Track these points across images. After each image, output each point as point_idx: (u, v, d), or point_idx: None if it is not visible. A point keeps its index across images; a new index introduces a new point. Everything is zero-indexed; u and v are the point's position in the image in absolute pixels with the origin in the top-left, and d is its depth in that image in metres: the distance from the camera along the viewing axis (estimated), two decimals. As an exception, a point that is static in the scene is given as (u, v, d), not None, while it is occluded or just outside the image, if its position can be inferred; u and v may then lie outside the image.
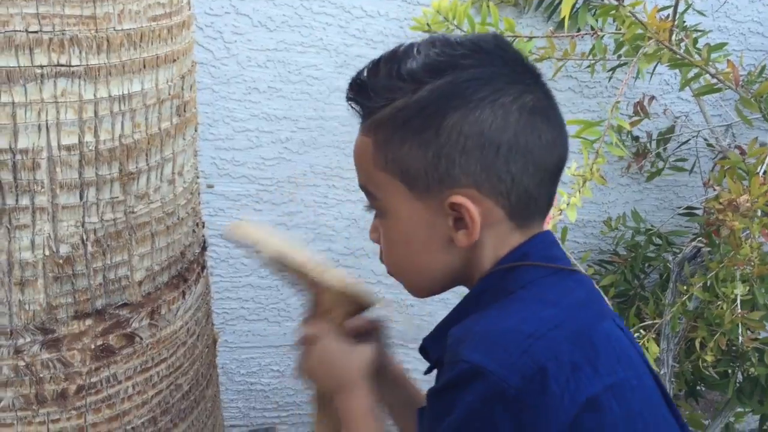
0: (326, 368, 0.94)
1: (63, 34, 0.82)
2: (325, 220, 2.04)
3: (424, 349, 0.91)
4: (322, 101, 1.90)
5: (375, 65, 0.84)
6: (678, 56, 1.49)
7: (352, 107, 0.86)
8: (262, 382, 2.20)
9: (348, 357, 0.94)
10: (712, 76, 1.56)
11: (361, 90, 0.85)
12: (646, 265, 2.03)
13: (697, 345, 1.67)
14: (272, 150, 1.93)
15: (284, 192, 1.99)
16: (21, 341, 0.90)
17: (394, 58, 0.83)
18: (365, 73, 0.85)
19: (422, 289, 0.90)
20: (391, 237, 0.87)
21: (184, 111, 1.01)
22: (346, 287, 0.95)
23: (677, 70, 1.68)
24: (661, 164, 2.04)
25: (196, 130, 1.07)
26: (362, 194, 0.88)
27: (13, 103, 0.82)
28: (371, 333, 1.01)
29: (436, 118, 0.79)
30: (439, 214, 0.81)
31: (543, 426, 0.72)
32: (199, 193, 1.14)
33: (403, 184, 0.82)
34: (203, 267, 1.14)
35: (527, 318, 0.77)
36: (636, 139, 2.03)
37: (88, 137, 0.87)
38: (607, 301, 0.89)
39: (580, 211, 1.41)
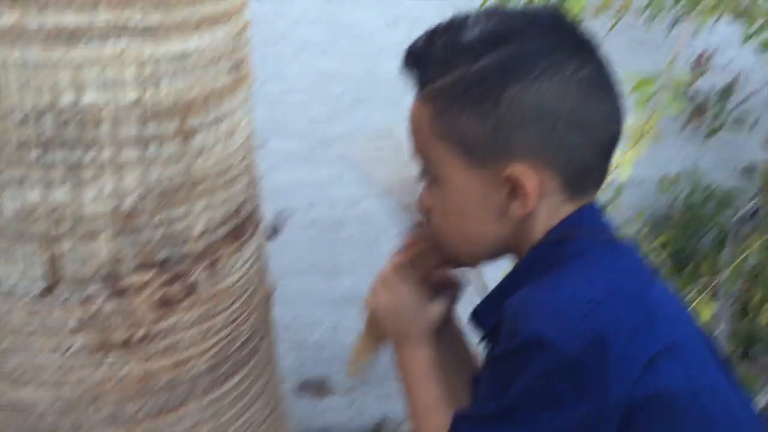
0: (396, 314, 0.98)
1: (123, -8, 0.84)
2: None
3: (476, 318, 0.92)
4: (374, 57, 1.90)
5: (431, 36, 0.85)
6: (741, 8, 1.44)
7: (408, 74, 0.87)
8: (313, 336, 2.26)
9: (418, 311, 0.97)
10: (778, 28, 1.50)
11: (417, 61, 0.86)
12: (703, 224, 1.99)
13: (754, 305, 1.65)
14: (324, 107, 1.94)
15: (336, 149, 2.01)
16: (89, 291, 0.94)
17: (451, 29, 0.83)
18: (421, 44, 0.85)
19: (470, 258, 0.92)
20: (442, 206, 0.88)
21: (239, 68, 1.02)
22: None
23: (740, 23, 1.62)
24: (720, 121, 1.99)
25: (250, 88, 1.09)
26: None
27: (77, 60, 0.85)
28: (449, 288, 1.03)
29: (495, 90, 0.80)
30: (494, 185, 0.82)
31: (604, 391, 0.74)
32: (253, 150, 1.16)
33: (460, 154, 0.83)
34: (259, 222, 1.17)
35: (583, 286, 0.79)
36: (695, 95, 1.98)
37: (149, 94, 0.90)
38: (653, 265, 0.90)
39: (635, 169, 1.39)
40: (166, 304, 0.99)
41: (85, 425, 0.98)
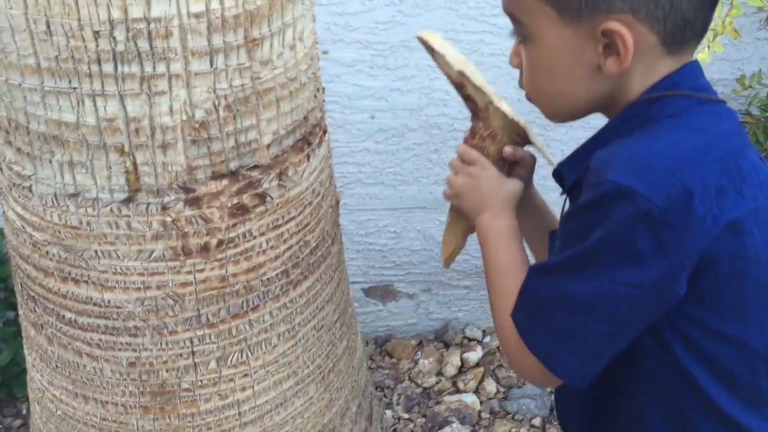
0: (475, 189, 1.01)
1: None
2: (439, 84, 2.03)
3: (559, 174, 0.94)
4: (436, -40, 1.85)
5: None
6: None
7: None
8: (379, 242, 2.30)
9: (498, 184, 1.00)
10: None
11: None
12: (780, 126, 1.91)
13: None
14: (385, 13, 1.91)
15: (398, 56, 1.98)
16: (167, 199, 0.98)
17: None
18: None
19: (561, 115, 0.92)
20: (535, 63, 0.88)
21: (302, -25, 1.01)
22: (515, 118, 1.02)
23: None
24: (805, 15, 1.87)
25: (313, -5, 1.08)
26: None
27: (145, -27, 0.86)
28: (523, 165, 1.06)
29: None
30: (589, 40, 0.81)
31: (684, 245, 0.75)
32: (318, 59, 1.16)
33: (554, 9, 0.82)
34: (325, 131, 1.18)
35: (676, 142, 0.79)
36: (778, -13, 1.85)
37: (215, 4, 0.90)
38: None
39: (710, 68, 1.33)
40: (239, 211, 1.02)
41: (169, 325, 1.04)
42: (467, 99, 1.06)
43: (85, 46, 0.88)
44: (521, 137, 1.05)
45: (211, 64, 0.93)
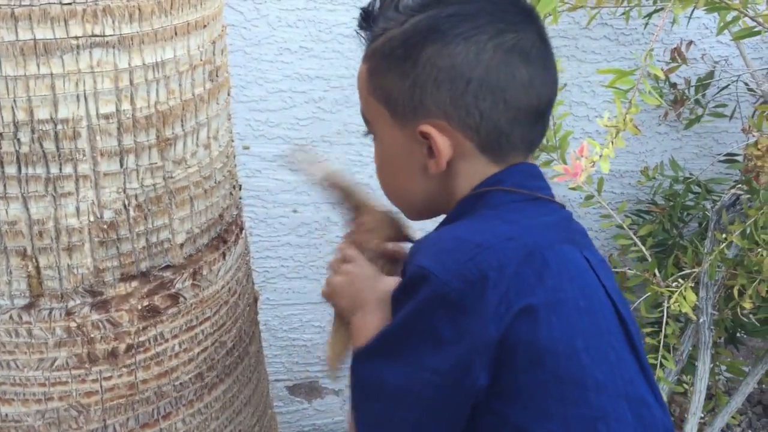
0: (350, 286, 0.98)
1: (96, 4, 0.84)
2: (361, 178, 2.05)
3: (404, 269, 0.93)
4: (354, 59, 1.90)
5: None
6: (715, -1, 1.45)
7: (359, 36, 0.92)
8: (303, 337, 2.25)
9: (374, 281, 0.97)
10: (752, 18, 1.52)
11: (365, 19, 0.91)
12: (685, 213, 2.01)
13: (736, 293, 1.66)
14: (306, 110, 1.94)
15: (319, 151, 2.00)
16: (72, 303, 0.94)
17: None
18: (371, 5, 0.90)
19: (409, 213, 0.96)
20: (379, 159, 0.94)
21: (217, 76, 1.02)
22: (389, 212, 1.04)
23: (715, 14, 1.64)
24: (700, 111, 2.01)
25: (229, 94, 1.09)
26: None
27: (52, 74, 0.84)
28: (401, 261, 1.03)
29: (415, 50, 0.84)
30: (415, 141, 0.86)
31: (477, 331, 0.75)
32: (234, 156, 1.16)
33: (387, 111, 0.87)
34: (242, 228, 1.17)
35: (481, 230, 0.81)
36: (674, 85, 1.99)
37: (125, 105, 0.89)
38: (582, 230, 0.91)
39: (616, 161, 1.40)
40: (151, 314, 0.99)
41: (74, 438, 0.98)
42: (343, 201, 1.07)
43: (-13, 147, 0.85)
44: (399, 233, 1.05)
45: (122, 164, 0.92)
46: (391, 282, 0.97)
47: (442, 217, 0.93)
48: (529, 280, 0.76)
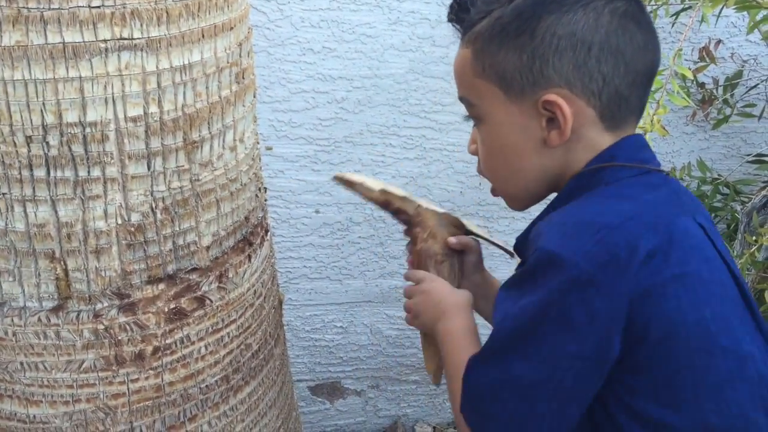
0: (428, 302, 1.02)
1: (124, 7, 0.84)
2: (383, 178, 2.05)
3: (517, 248, 0.96)
4: (377, 59, 1.89)
5: None
6: (746, -2, 1.43)
7: (453, 26, 0.92)
8: (326, 338, 2.25)
9: (449, 291, 1.01)
10: (783, 17, 1.49)
11: (461, 7, 0.91)
12: (713, 215, 1.98)
13: (766, 296, 1.63)
14: (328, 110, 1.93)
15: (342, 152, 2.00)
16: (99, 306, 0.94)
17: None
18: None
19: (519, 197, 0.95)
20: (488, 143, 0.92)
21: (243, 78, 1.02)
22: (445, 211, 1.07)
23: (744, 13, 1.61)
24: (728, 111, 1.97)
25: (254, 96, 1.09)
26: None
27: (81, 77, 0.85)
28: (471, 251, 1.09)
29: (531, 22, 0.84)
30: (533, 115, 0.86)
31: (613, 309, 0.77)
32: (260, 158, 1.16)
33: (500, 89, 0.87)
34: (267, 230, 1.17)
35: (603, 210, 0.82)
36: (702, 85, 1.96)
37: (153, 108, 0.89)
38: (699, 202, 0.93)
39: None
40: (177, 316, 0.99)
41: (100, 440, 0.98)
42: (397, 213, 1.09)
43: (17, 151, 0.86)
44: (458, 228, 1.08)
45: (149, 167, 0.92)
46: (466, 292, 1.02)
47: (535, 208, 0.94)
48: (657, 257, 0.78)
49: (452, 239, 1.06)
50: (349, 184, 1.10)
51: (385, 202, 1.08)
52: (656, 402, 0.81)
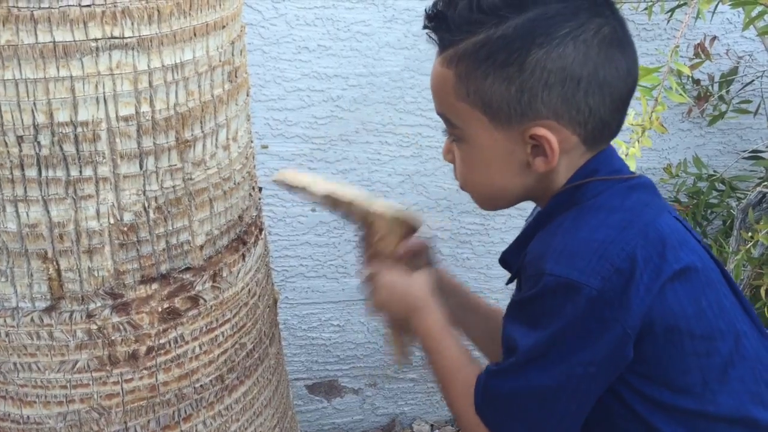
0: (395, 297, 1.02)
1: (115, 6, 0.84)
2: (379, 176, 2.04)
3: (505, 261, 0.98)
4: (372, 57, 1.89)
5: None
6: (741, -6, 1.43)
7: (429, 36, 0.90)
8: (323, 336, 2.25)
9: (411, 282, 1.01)
10: (778, 13, 1.49)
11: (439, 21, 0.88)
12: (709, 211, 1.98)
13: (763, 293, 1.63)
14: (324, 108, 1.93)
15: (337, 150, 2.00)
16: (92, 306, 0.94)
17: None
18: (441, 4, 0.88)
19: (494, 205, 0.98)
20: (468, 161, 0.92)
21: (236, 76, 1.02)
22: (395, 212, 1.04)
23: (740, 9, 1.61)
24: (724, 107, 1.97)
25: (248, 95, 1.08)
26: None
27: (72, 77, 0.84)
28: (420, 253, 1.09)
29: (520, 54, 0.83)
30: (518, 141, 0.87)
31: (626, 317, 0.80)
32: (254, 157, 1.15)
33: (484, 115, 0.87)
34: (261, 229, 1.16)
35: (597, 226, 0.84)
36: (697, 82, 1.96)
37: (145, 107, 0.89)
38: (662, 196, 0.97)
39: (639, 158, 1.38)
40: (171, 316, 0.98)
41: (95, 440, 0.98)
42: (347, 216, 1.07)
43: (8, 151, 0.85)
44: (410, 229, 1.07)
45: (141, 167, 0.91)
46: (424, 275, 1.03)
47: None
48: (654, 260, 0.81)
49: (400, 250, 1.05)
50: (292, 188, 1.07)
51: (332, 205, 1.06)
52: (669, 388, 0.85)
